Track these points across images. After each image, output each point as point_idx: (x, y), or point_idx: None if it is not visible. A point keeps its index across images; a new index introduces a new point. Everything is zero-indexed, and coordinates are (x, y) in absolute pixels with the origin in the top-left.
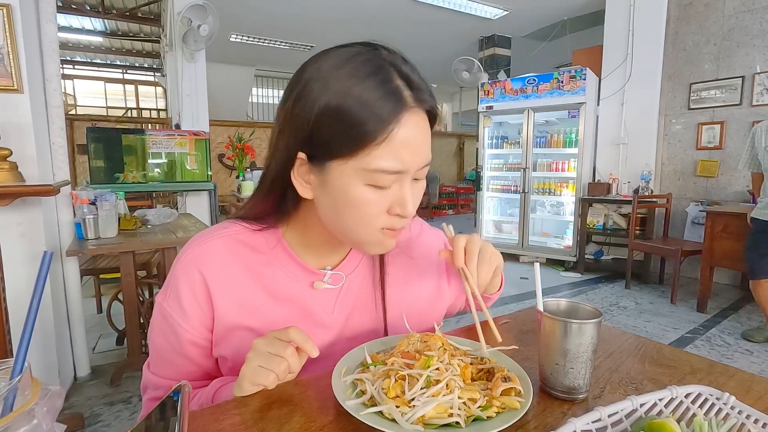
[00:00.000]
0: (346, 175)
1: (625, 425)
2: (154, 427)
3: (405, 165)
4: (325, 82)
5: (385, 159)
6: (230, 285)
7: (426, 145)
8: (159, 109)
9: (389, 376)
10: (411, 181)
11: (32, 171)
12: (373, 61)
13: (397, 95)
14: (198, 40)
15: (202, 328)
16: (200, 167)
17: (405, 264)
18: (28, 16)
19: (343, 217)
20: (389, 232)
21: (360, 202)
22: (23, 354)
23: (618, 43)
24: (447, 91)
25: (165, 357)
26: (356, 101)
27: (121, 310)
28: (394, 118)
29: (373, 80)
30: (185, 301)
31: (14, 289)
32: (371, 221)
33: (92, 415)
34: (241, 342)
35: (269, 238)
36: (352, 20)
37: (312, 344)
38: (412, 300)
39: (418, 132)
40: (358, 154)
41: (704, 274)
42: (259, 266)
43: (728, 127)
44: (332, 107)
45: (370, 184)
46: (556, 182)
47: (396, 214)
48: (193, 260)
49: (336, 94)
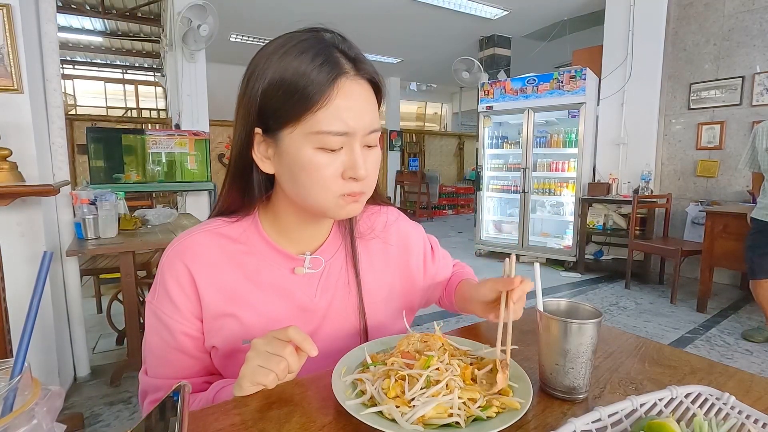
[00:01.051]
0: (297, 142)
1: (625, 425)
2: (154, 427)
3: (348, 126)
4: (269, 61)
5: (328, 121)
6: (214, 275)
7: (369, 111)
8: (159, 109)
9: (389, 376)
10: (363, 147)
11: (32, 171)
12: (312, 40)
13: (332, 64)
14: (198, 40)
15: (193, 318)
16: (200, 167)
17: (381, 249)
18: (28, 16)
19: (301, 184)
20: (349, 197)
21: (312, 166)
22: (23, 354)
23: (618, 43)
24: (447, 91)
25: (162, 356)
26: (295, 72)
27: (121, 310)
28: (332, 82)
29: (311, 53)
30: (173, 294)
31: (14, 289)
32: (327, 185)
33: (92, 415)
34: (229, 330)
35: (247, 227)
36: (352, 20)
37: (311, 343)
38: (389, 284)
39: (359, 97)
40: (303, 120)
41: (704, 274)
42: (240, 256)
43: (728, 127)
44: (276, 80)
45: (319, 148)
46: (556, 182)
47: (350, 177)
48: (176, 254)
49: (278, 69)
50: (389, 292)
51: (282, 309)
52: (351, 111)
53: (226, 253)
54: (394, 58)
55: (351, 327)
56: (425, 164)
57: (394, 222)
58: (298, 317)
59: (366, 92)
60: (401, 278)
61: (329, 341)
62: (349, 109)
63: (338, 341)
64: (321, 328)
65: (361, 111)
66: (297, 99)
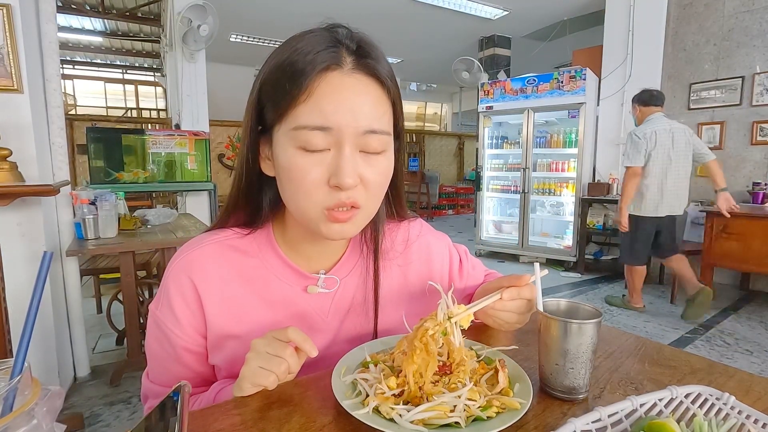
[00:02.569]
0: (282, 141)
1: (625, 425)
2: (154, 427)
3: (328, 120)
4: (269, 57)
5: (307, 114)
6: (221, 291)
7: (366, 109)
8: (159, 109)
9: (388, 375)
10: (358, 151)
11: (32, 171)
12: (316, 34)
13: (325, 56)
14: (198, 40)
15: (196, 334)
16: (200, 167)
17: (402, 268)
18: (28, 16)
19: (286, 189)
20: (330, 215)
21: (294, 169)
22: (23, 354)
23: (618, 43)
24: (447, 91)
25: (162, 365)
26: (286, 63)
27: (120, 310)
28: (319, 74)
29: (308, 46)
30: (177, 309)
31: (14, 289)
32: (308, 192)
33: (92, 415)
34: (232, 351)
35: (260, 240)
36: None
37: (311, 344)
38: (409, 305)
39: (350, 92)
40: (287, 114)
41: (704, 274)
42: (251, 270)
43: (728, 127)
44: (268, 72)
45: (301, 147)
46: (556, 182)
47: (334, 186)
48: (182, 267)
49: (273, 63)
50: (408, 312)
51: None
52: (335, 104)
53: (236, 267)
54: (394, 58)
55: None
56: (425, 164)
57: (417, 237)
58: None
59: (363, 88)
60: (420, 299)
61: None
62: (332, 103)
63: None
64: (329, 348)
65: (351, 107)
66: (281, 91)
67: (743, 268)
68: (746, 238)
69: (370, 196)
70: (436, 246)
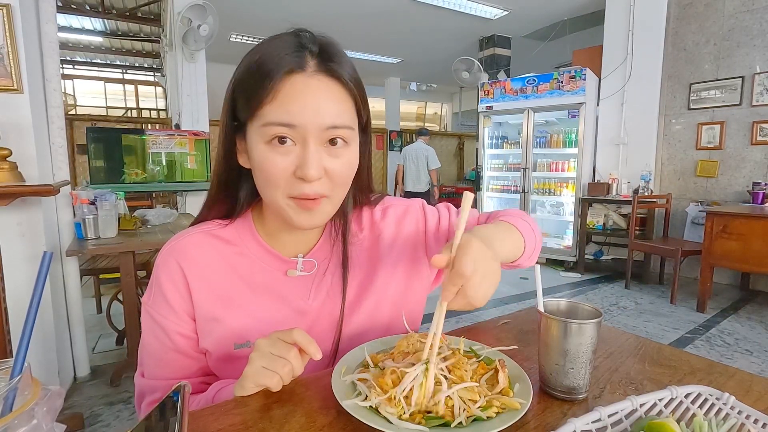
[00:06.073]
0: (254, 136)
1: (625, 425)
2: (154, 427)
3: (293, 118)
4: (243, 59)
5: (273, 112)
6: (207, 275)
7: (329, 108)
8: (159, 109)
9: (385, 375)
10: (324, 145)
11: (32, 171)
12: (282, 39)
13: (289, 59)
14: (198, 40)
15: (187, 317)
16: (200, 167)
17: (372, 248)
18: (28, 16)
19: (259, 181)
20: (299, 202)
21: (263, 162)
22: (23, 354)
23: (618, 43)
24: (447, 91)
25: (158, 357)
26: (255, 65)
27: (120, 310)
28: (284, 76)
29: (276, 51)
30: (167, 292)
31: (14, 289)
32: (275, 183)
33: (92, 415)
34: (217, 334)
35: (240, 229)
36: (352, 20)
37: (316, 347)
38: (384, 284)
39: (313, 93)
40: (257, 113)
41: (704, 274)
42: (234, 257)
43: (728, 127)
44: (238, 75)
45: (269, 142)
46: (556, 182)
47: (300, 177)
48: (170, 253)
49: (245, 64)
50: (384, 292)
51: (274, 311)
52: (300, 105)
53: (221, 254)
54: (394, 58)
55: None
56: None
57: (381, 219)
58: (291, 320)
59: (325, 88)
60: (400, 271)
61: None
62: (297, 103)
63: (326, 343)
64: (311, 330)
65: (314, 107)
66: (251, 91)
67: (743, 268)
68: (746, 238)
69: (335, 186)
70: (402, 210)
